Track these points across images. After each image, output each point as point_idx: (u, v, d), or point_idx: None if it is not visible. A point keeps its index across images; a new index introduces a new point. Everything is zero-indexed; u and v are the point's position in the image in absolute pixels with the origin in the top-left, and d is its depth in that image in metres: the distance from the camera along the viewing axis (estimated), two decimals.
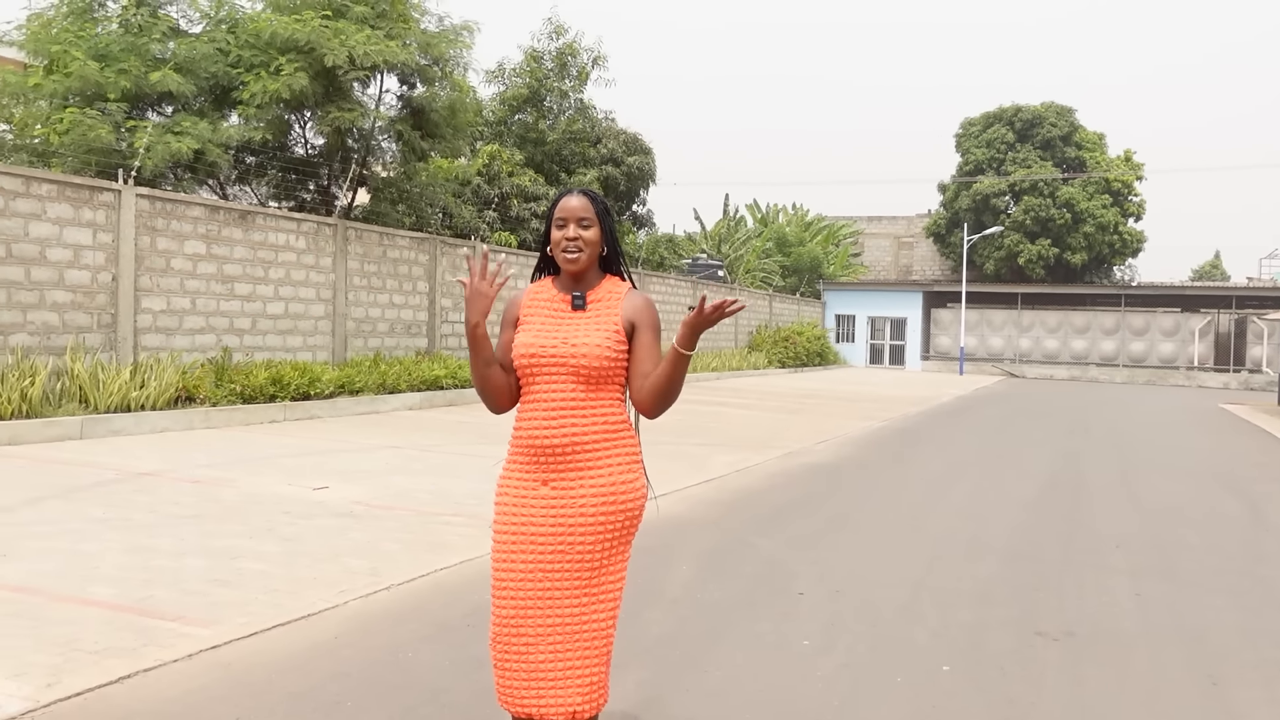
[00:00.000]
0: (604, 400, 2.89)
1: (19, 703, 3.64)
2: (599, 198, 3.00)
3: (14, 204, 11.18)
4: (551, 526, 2.87)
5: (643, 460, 3.01)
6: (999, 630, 5.11)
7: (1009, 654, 4.74)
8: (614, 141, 28.73)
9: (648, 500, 3.00)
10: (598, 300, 2.96)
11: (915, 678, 4.36)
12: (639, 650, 4.57)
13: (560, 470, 2.88)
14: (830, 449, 12.94)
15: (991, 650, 4.78)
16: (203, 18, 17.36)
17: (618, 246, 3.04)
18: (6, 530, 6.25)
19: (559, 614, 2.86)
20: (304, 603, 5.03)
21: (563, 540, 2.86)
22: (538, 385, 2.89)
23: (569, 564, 2.86)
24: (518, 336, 2.95)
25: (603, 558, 2.91)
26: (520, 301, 3.04)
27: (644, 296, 2.99)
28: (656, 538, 7.05)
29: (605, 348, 2.86)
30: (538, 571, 2.86)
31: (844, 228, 51.89)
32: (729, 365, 29.97)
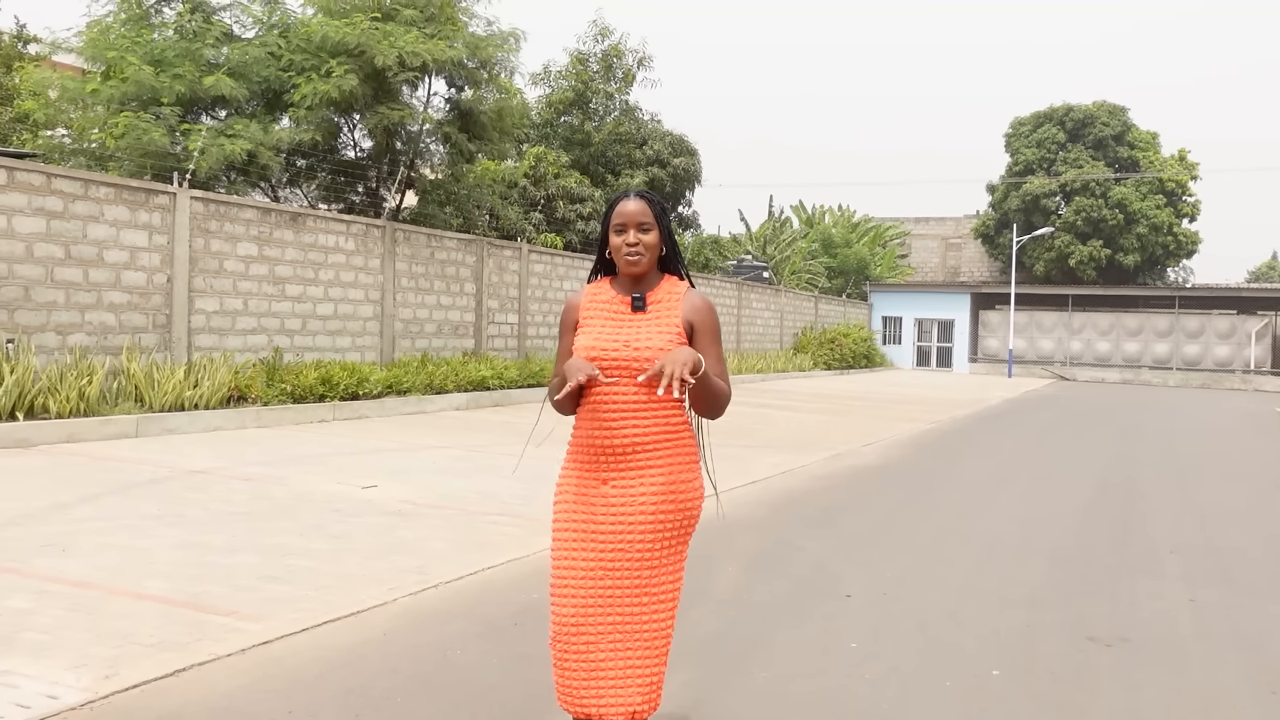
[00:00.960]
0: (665, 402, 2.88)
1: (78, 694, 3.72)
2: (656, 199, 2.98)
3: (73, 206, 11.43)
4: (612, 525, 2.88)
5: (703, 460, 3.01)
6: (1050, 635, 5.04)
7: (1060, 659, 4.67)
8: (659, 143, 28.73)
9: (707, 499, 3.00)
10: (657, 301, 2.95)
11: (965, 682, 4.31)
12: (685, 650, 4.57)
13: (621, 470, 2.88)
14: (877, 451, 12.85)
15: (1042, 655, 4.72)
16: (255, 23, 17.63)
17: (676, 246, 3.02)
18: (66, 526, 6.39)
19: (620, 612, 2.86)
20: (354, 599, 5.08)
21: (623, 539, 2.87)
22: (600, 387, 2.88)
23: (629, 562, 2.86)
24: (579, 339, 2.95)
25: (662, 556, 2.90)
26: (579, 304, 3.04)
27: (703, 298, 2.97)
28: (702, 538, 7.03)
29: (663, 350, 2.84)
30: (599, 569, 2.87)
31: (891, 229, 51.48)
32: (774, 367, 29.85)
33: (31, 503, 7.03)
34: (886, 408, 20.38)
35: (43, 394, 10.20)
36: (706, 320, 2.92)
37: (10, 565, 5.40)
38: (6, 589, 4.96)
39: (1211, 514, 9.14)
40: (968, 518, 8.44)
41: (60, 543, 5.94)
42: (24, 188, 10.95)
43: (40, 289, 11.09)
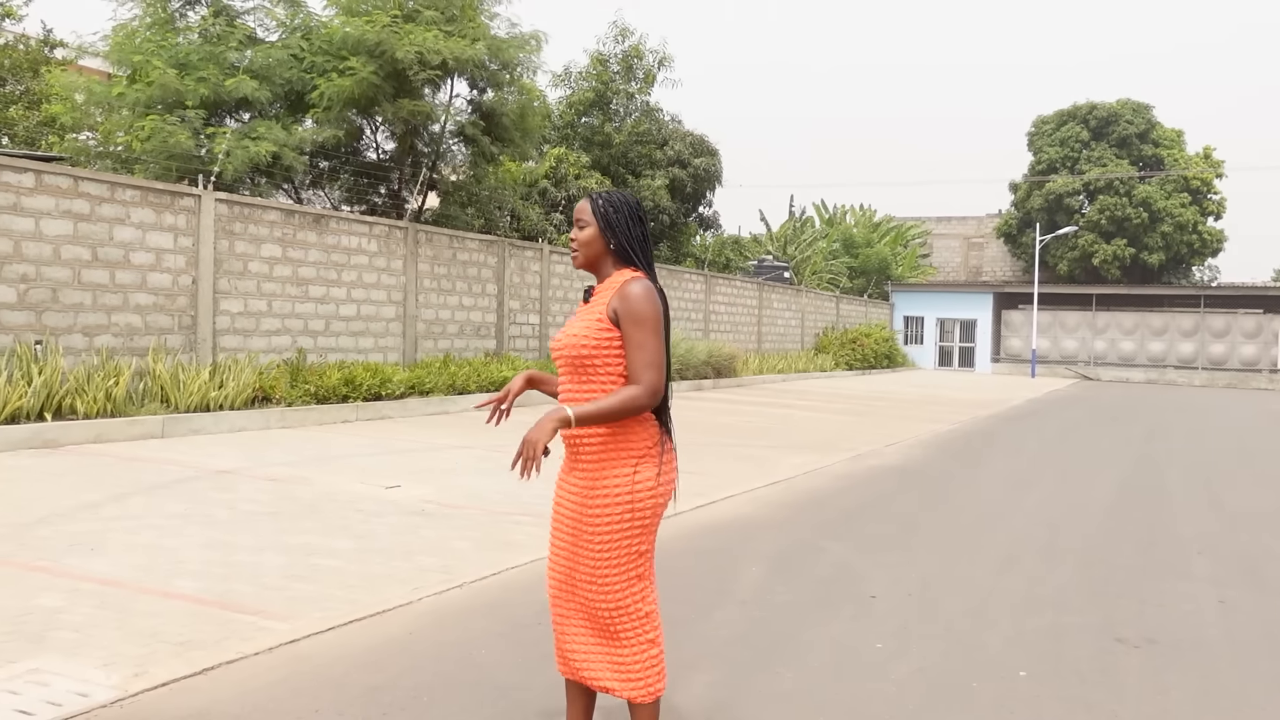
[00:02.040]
0: (597, 392, 2.95)
1: (108, 691, 3.75)
2: (601, 198, 3.07)
3: (99, 209, 11.54)
4: (570, 512, 3.04)
5: (661, 455, 3.01)
6: (1077, 636, 5.01)
7: (1088, 660, 4.64)
8: (680, 143, 28.74)
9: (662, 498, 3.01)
10: (599, 292, 3.06)
11: (991, 683, 4.29)
12: (708, 651, 4.57)
13: (577, 460, 3.03)
14: (899, 452, 12.79)
15: (1069, 657, 4.69)
16: (279, 26, 17.75)
17: (625, 238, 3.04)
18: (94, 525, 6.45)
19: (578, 596, 3.05)
20: (378, 599, 5.11)
21: (574, 527, 3.02)
22: (560, 378, 3.08)
23: (579, 550, 3.01)
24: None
25: (605, 552, 2.97)
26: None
27: (628, 282, 2.94)
28: (723, 539, 7.04)
29: (584, 337, 2.95)
30: (564, 551, 3.07)
31: (912, 228, 51.27)
32: (795, 367, 29.78)
33: (60, 502, 7.10)
34: (909, 408, 20.29)
35: (70, 395, 10.30)
36: (625, 306, 2.91)
37: (40, 564, 5.46)
38: (37, 587, 5.02)
39: (1240, 515, 9.05)
40: (992, 518, 8.39)
41: (89, 541, 6.00)
42: (52, 190, 11.06)
43: (68, 291, 11.20)
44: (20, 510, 6.78)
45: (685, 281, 26.07)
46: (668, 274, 25.10)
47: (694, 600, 5.42)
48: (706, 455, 11.42)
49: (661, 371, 2.93)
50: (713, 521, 7.64)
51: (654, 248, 19.36)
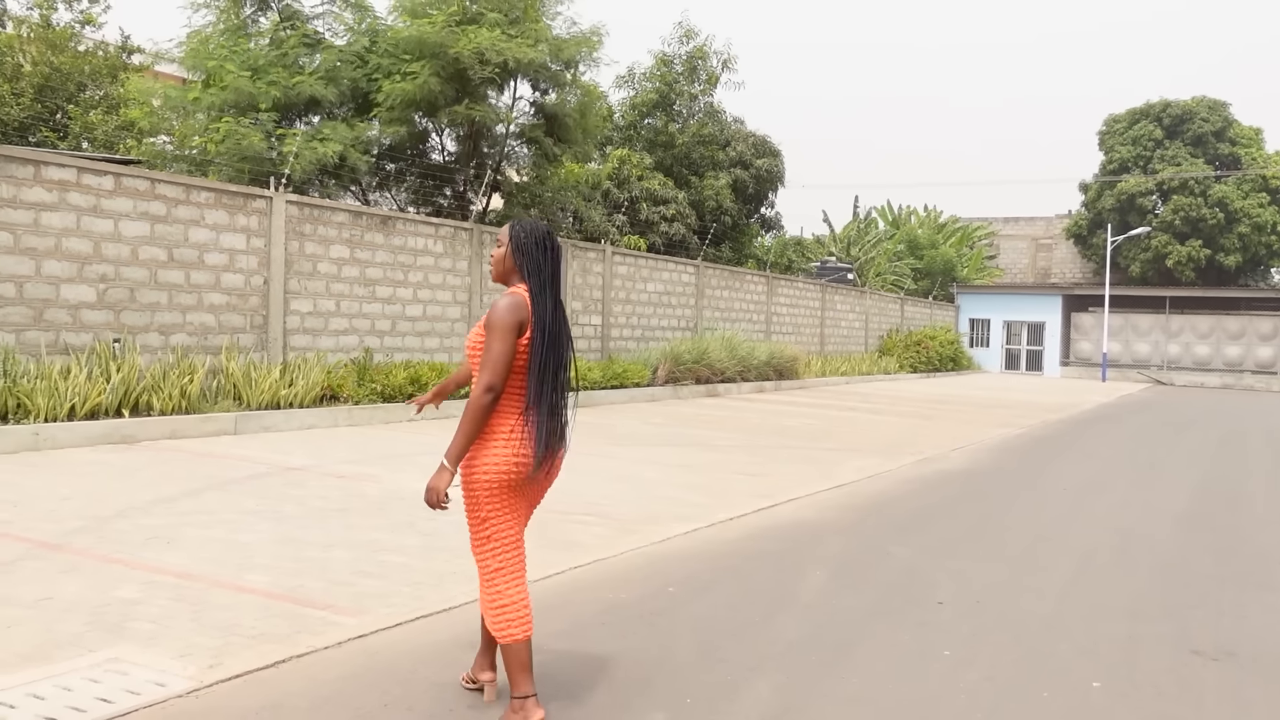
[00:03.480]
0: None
1: (184, 682, 3.84)
2: (518, 224, 3.67)
3: (175, 211, 11.82)
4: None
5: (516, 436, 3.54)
6: (1152, 647, 4.89)
7: (1164, 673, 4.53)
8: (743, 144, 28.65)
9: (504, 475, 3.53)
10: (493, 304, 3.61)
11: (1064, 694, 4.20)
12: (772, 654, 4.54)
13: None
14: (966, 456, 12.61)
15: (1145, 668, 4.58)
16: (346, 30, 18.05)
17: (521, 260, 3.61)
18: (170, 519, 6.61)
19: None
20: (444, 595, 5.16)
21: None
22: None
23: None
24: None
25: (468, 514, 3.65)
26: None
27: (503, 297, 3.55)
28: (785, 542, 7.00)
29: (469, 343, 3.65)
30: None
31: (979, 229, 50.48)
32: (858, 370, 29.50)
33: (137, 496, 7.28)
34: (975, 411, 19.99)
35: (147, 392, 10.57)
36: (487, 316, 3.51)
37: (119, 556, 5.60)
38: (116, 579, 5.15)
39: None
40: (1063, 524, 8.23)
41: (165, 535, 6.15)
42: (130, 193, 11.36)
43: (145, 290, 11.49)
44: (99, 504, 6.97)
45: (746, 283, 25.96)
46: (729, 275, 25.03)
47: (756, 603, 5.40)
48: (768, 458, 11.36)
49: (494, 374, 3.44)
50: (774, 524, 7.60)
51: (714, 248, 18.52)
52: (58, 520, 6.41)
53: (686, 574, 5.95)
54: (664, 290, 22.03)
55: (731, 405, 18.42)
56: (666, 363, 19.45)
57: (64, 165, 10.82)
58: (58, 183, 10.66)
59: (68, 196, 10.74)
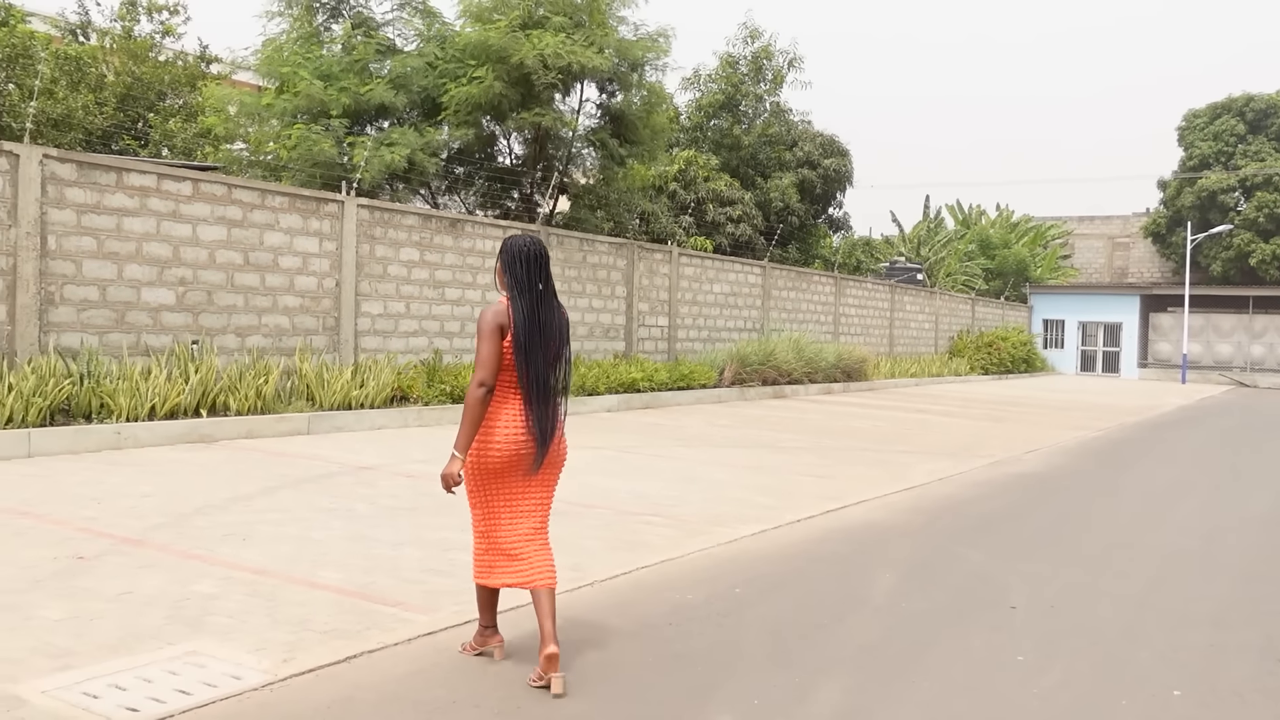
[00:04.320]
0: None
1: (259, 675, 3.92)
2: (504, 242, 4.27)
3: (251, 215, 12.09)
4: None
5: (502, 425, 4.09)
6: (1237, 656, 4.74)
7: (1249, 682, 4.38)
8: (810, 144, 28.46)
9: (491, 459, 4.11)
10: None
11: (1143, 702, 4.09)
12: (841, 657, 4.49)
13: None
14: (1040, 458, 12.35)
15: (1228, 677, 4.43)
16: (416, 36, 18.30)
17: (504, 273, 4.20)
18: (246, 516, 6.75)
19: None
20: (511, 594, 5.17)
21: None
22: None
23: None
24: None
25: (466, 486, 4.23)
26: None
27: (488, 308, 4.12)
28: (854, 545, 6.92)
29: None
30: None
31: (1052, 228, 49.46)
32: (928, 371, 29.08)
33: (215, 494, 7.45)
34: (1049, 414, 19.59)
35: (224, 393, 10.82)
36: (477, 323, 4.12)
37: (197, 552, 5.74)
38: (194, 574, 5.28)
39: None
40: (1141, 529, 8.02)
41: (241, 532, 6.28)
42: (207, 198, 11.64)
43: (221, 293, 11.76)
44: (178, 501, 7.14)
45: (814, 284, 25.76)
46: (796, 276, 24.86)
47: (825, 605, 5.34)
48: (836, 459, 11.25)
49: (484, 370, 4.02)
50: (842, 526, 7.52)
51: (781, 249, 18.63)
52: (139, 516, 6.58)
53: (754, 575, 5.91)
54: (730, 291, 21.95)
55: (798, 407, 18.29)
56: (733, 364, 19.38)
57: (145, 172, 11.12)
58: (139, 189, 10.96)
59: (148, 202, 11.05)
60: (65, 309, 10.34)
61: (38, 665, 3.92)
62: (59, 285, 10.29)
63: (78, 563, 5.40)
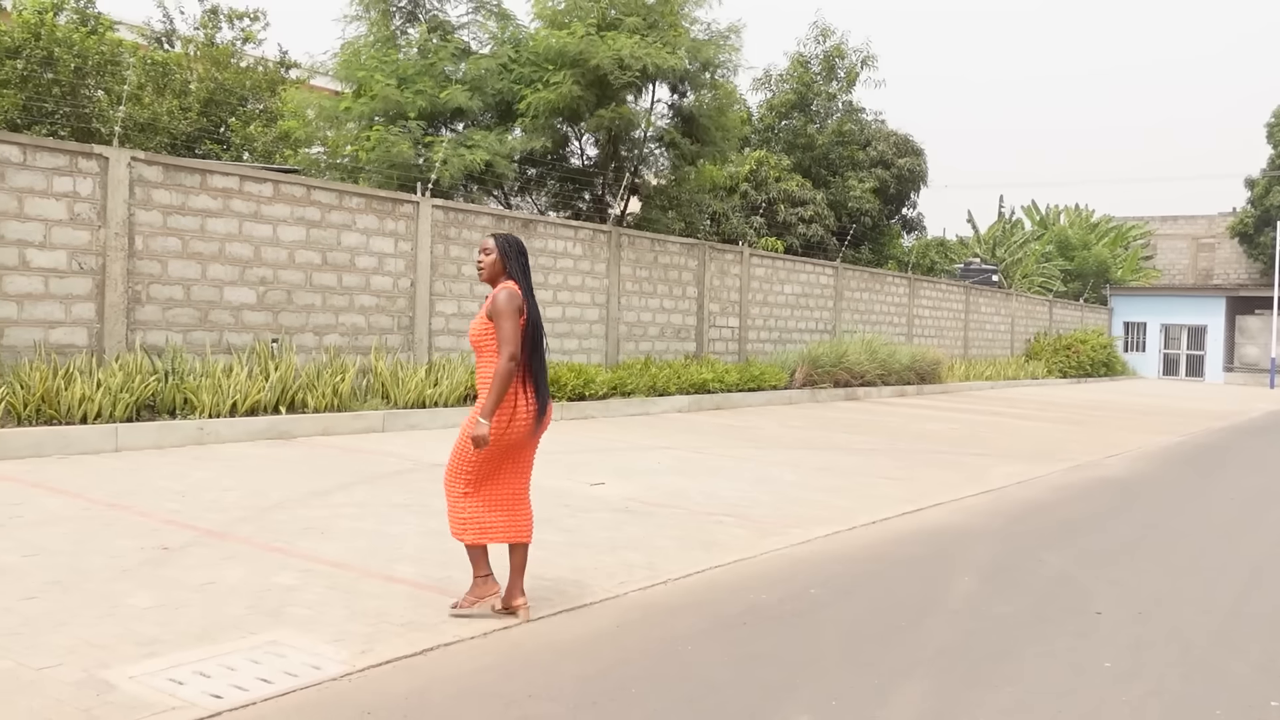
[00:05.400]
0: (484, 363, 4.59)
1: (338, 665, 3.96)
2: (501, 238, 4.70)
3: (329, 216, 12.30)
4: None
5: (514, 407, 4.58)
6: None
7: None
8: (883, 143, 28.10)
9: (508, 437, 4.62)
10: (489, 297, 4.57)
11: (1239, 713, 3.93)
12: (921, 659, 4.40)
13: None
14: (1123, 463, 12.02)
15: None
16: (490, 39, 18.47)
17: (509, 264, 4.63)
18: (324, 511, 6.86)
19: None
20: (585, 591, 5.19)
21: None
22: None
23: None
24: None
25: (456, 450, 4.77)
26: None
27: (497, 290, 4.52)
28: (931, 547, 6.80)
29: (474, 327, 4.63)
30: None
31: (1134, 229, 48.22)
32: (1004, 374, 28.52)
33: (294, 489, 7.58)
34: (1131, 418, 19.07)
35: (302, 390, 11.01)
36: (493, 306, 4.49)
37: (277, 545, 5.84)
38: (275, 566, 5.36)
39: None
40: (1232, 535, 7.75)
41: (319, 526, 6.38)
42: (287, 199, 11.87)
43: (300, 293, 11.98)
44: (259, 495, 7.28)
45: (887, 285, 25.44)
46: (868, 276, 24.57)
47: (902, 608, 5.25)
48: (911, 462, 11.08)
49: (514, 346, 4.43)
50: (919, 529, 7.39)
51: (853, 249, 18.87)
52: (221, 510, 6.72)
53: (828, 576, 5.83)
54: (802, 292, 21.77)
55: (871, 409, 18.06)
56: (804, 365, 19.21)
57: (227, 174, 11.38)
58: (222, 190, 11.22)
59: (231, 203, 11.30)
60: (151, 307, 10.62)
61: (126, 652, 4.01)
62: (145, 284, 10.57)
63: (163, 553, 5.53)
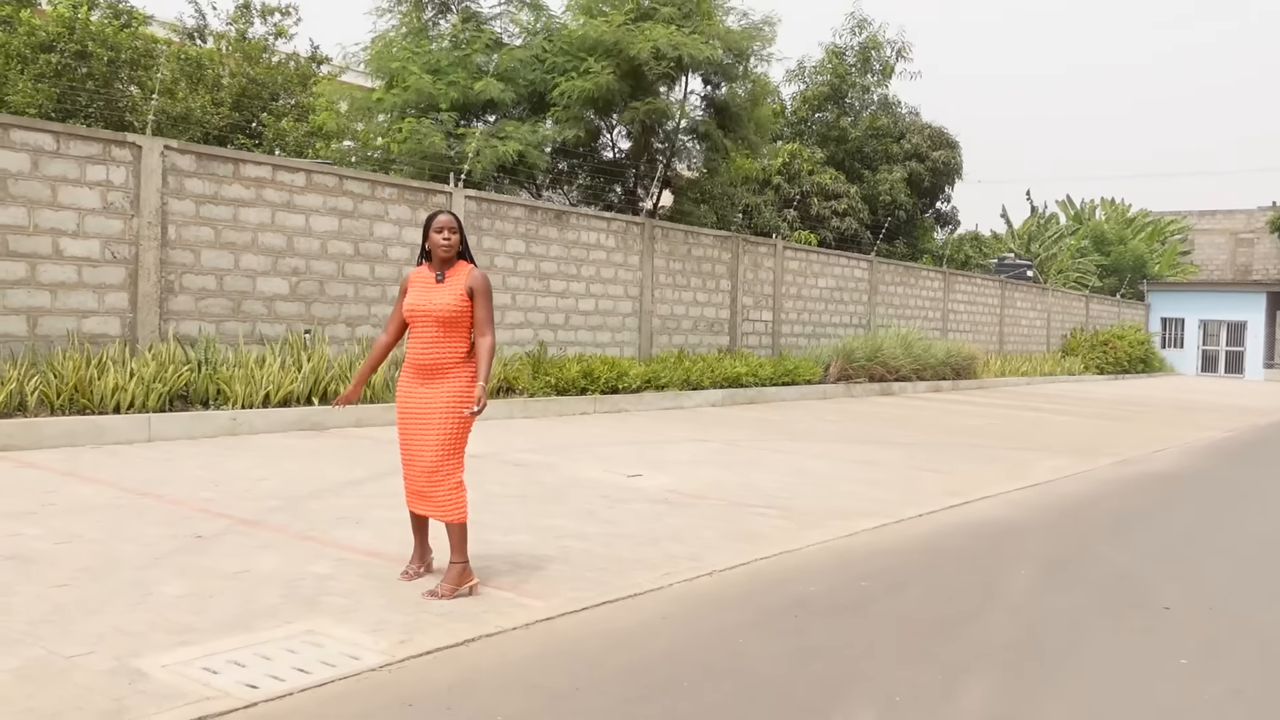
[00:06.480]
0: (454, 338, 4.71)
1: (377, 656, 3.81)
2: (454, 215, 4.88)
3: (361, 206, 12.20)
4: (422, 409, 4.71)
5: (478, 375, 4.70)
6: None
7: None
8: (918, 136, 27.71)
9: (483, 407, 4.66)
10: (453, 276, 4.74)
11: None
12: (985, 655, 4.20)
13: (428, 379, 4.72)
14: (1170, 458, 11.71)
15: None
16: (522, 31, 18.33)
17: (466, 244, 4.85)
18: (358, 501, 6.73)
19: (426, 458, 4.71)
20: (629, 582, 5.02)
21: (428, 418, 4.69)
22: (417, 328, 4.73)
23: (432, 431, 4.68)
24: (406, 299, 4.77)
25: (452, 429, 4.68)
26: (410, 278, 4.83)
27: (481, 273, 4.77)
28: (982, 540, 6.58)
29: (452, 305, 4.67)
30: (416, 434, 4.74)
31: (1171, 224, 47.46)
32: (1040, 370, 28.09)
33: (327, 479, 7.47)
34: (1173, 414, 18.68)
35: (334, 381, 10.91)
36: (478, 285, 4.73)
37: (312, 534, 5.71)
38: (310, 555, 5.23)
39: None
40: None
41: (354, 516, 6.25)
42: (319, 189, 11.77)
43: (333, 283, 11.89)
44: (293, 485, 7.17)
45: (921, 279, 25.10)
46: (903, 271, 24.25)
47: (958, 601, 5.04)
48: (953, 456, 10.84)
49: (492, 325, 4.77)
50: (967, 522, 7.17)
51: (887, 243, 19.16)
52: (255, 499, 6.61)
53: (877, 569, 5.63)
54: (836, 286, 21.50)
55: (908, 404, 17.79)
56: (839, 360, 18.95)
57: (260, 163, 11.30)
58: (254, 179, 11.13)
59: (263, 193, 11.21)
60: (184, 297, 10.55)
61: (158, 640, 3.88)
62: (178, 274, 10.50)
63: (196, 541, 5.41)
